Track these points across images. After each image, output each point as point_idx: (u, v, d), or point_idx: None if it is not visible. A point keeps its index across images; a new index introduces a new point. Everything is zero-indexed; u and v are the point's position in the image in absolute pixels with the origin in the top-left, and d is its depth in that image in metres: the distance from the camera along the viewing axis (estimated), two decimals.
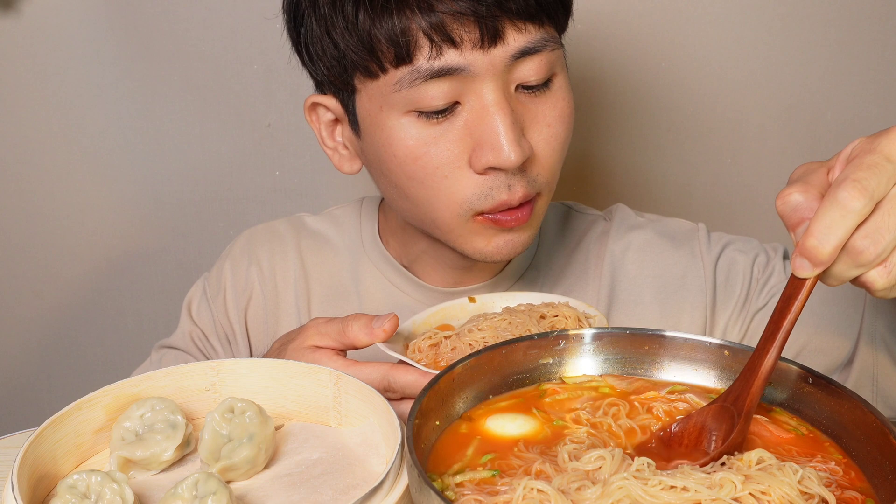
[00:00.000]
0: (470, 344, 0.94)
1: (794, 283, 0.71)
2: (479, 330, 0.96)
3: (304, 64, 1.06)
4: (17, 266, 1.66)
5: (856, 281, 0.70)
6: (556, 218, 1.22)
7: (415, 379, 0.90)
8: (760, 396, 0.74)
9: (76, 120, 1.58)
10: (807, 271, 0.69)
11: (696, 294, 1.14)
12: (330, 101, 1.05)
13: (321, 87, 1.07)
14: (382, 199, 1.22)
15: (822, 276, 0.70)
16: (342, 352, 0.96)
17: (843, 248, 0.68)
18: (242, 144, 1.60)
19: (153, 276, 1.68)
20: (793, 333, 1.07)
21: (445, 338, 0.97)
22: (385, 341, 0.93)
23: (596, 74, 1.55)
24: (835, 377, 1.06)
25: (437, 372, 0.79)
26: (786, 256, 1.15)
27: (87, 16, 1.52)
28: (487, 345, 0.86)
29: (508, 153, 0.95)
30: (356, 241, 1.21)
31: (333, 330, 0.94)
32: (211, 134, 1.60)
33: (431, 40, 0.93)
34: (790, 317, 0.72)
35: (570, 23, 1.04)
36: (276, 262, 1.21)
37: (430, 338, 0.98)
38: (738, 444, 0.72)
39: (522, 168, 0.98)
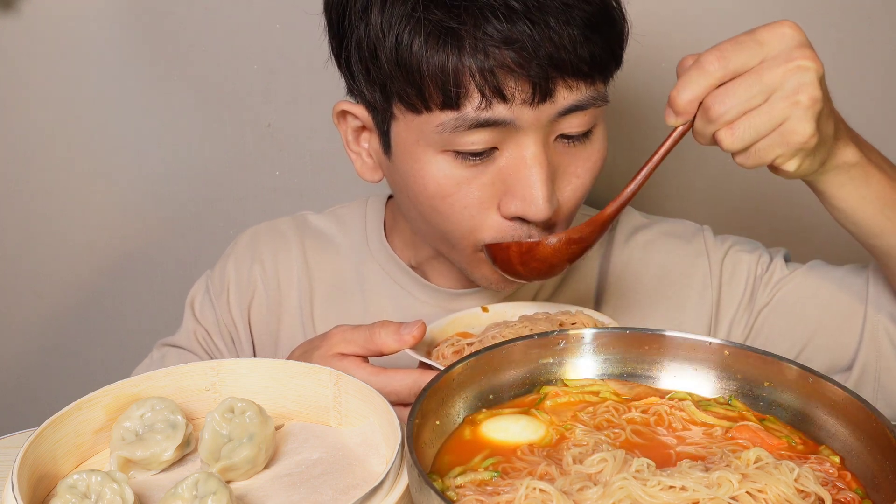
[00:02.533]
0: None
1: (669, 134, 0.86)
2: (503, 337, 0.96)
3: (342, 74, 1.03)
4: (17, 266, 1.66)
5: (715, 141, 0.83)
6: None
7: None
8: (618, 213, 0.93)
9: (75, 120, 1.58)
10: (671, 119, 0.84)
11: (701, 293, 1.14)
12: (360, 111, 1.02)
13: (353, 95, 1.04)
14: (389, 198, 1.21)
15: (693, 132, 0.84)
16: (366, 358, 0.96)
17: (701, 105, 0.81)
18: (242, 144, 1.60)
19: (153, 276, 1.68)
20: (795, 331, 1.10)
21: (468, 345, 0.98)
22: (412, 347, 0.94)
23: None
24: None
25: None
26: (787, 259, 1.15)
27: (87, 16, 1.52)
28: None
29: (538, 208, 0.93)
30: (361, 240, 1.20)
31: (360, 337, 0.94)
32: (211, 134, 1.59)
33: (483, 93, 0.91)
34: (658, 156, 0.88)
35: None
36: (279, 261, 1.20)
37: (453, 345, 0.99)
38: (576, 240, 0.94)
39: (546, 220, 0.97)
